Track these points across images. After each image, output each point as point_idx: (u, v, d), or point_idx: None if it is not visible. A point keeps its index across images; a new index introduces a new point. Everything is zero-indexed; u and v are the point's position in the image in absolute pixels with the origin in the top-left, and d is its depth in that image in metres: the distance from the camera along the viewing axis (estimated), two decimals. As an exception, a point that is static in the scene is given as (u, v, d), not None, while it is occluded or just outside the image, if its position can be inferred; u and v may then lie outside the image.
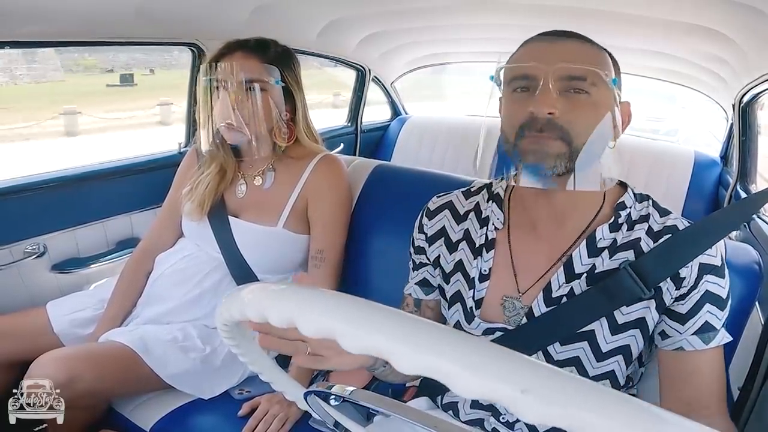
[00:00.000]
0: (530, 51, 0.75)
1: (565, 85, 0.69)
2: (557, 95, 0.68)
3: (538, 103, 0.68)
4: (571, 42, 0.73)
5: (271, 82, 1.19)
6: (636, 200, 0.80)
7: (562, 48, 0.72)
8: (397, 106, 3.08)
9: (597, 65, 0.71)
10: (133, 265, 1.34)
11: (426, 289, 0.93)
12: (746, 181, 1.86)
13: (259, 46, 1.21)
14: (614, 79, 0.72)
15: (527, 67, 0.71)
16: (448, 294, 0.89)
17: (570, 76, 0.69)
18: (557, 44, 0.73)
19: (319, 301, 0.35)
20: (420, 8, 1.83)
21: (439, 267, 0.90)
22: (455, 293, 0.87)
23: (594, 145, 0.70)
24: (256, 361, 0.50)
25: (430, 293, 0.93)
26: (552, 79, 0.68)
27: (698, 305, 0.73)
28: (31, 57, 13.76)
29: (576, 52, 0.71)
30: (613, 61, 0.77)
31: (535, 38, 0.76)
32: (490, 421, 0.84)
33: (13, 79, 13.83)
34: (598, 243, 0.77)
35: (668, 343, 0.76)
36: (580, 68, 0.69)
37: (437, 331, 0.31)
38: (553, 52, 0.71)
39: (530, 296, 0.80)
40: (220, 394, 1.17)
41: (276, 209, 1.25)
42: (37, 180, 1.46)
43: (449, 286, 0.88)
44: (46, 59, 14.12)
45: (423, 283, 0.93)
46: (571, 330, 0.77)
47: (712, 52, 1.68)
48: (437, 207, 0.91)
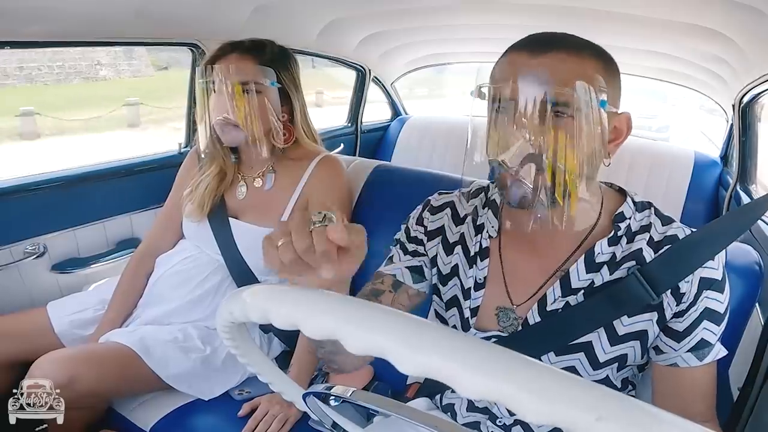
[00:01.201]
0: (510, 67, 0.68)
1: (544, 109, 0.63)
2: (537, 123, 0.63)
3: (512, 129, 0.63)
4: (557, 55, 0.66)
5: (267, 83, 1.18)
6: (636, 209, 0.77)
7: (545, 64, 0.65)
8: (397, 106, 3.08)
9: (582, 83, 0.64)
10: (133, 266, 1.34)
11: (417, 277, 0.88)
12: (746, 182, 1.86)
13: (255, 47, 1.21)
14: (603, 102, 0.65)
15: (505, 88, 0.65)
16: (444, 297, 0.87)
17: (551, 101, 0.63)
18: (539, 59, 0.65)
19: (321, 303, 0.36)
20: (420, 8, 1.83)
21: (436, 267, 0.88)
22: (452, 297, 0.86)
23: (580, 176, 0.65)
24: (256, 362, 0.49)
25: (419, 282, 0.88)
26: (529, 103, 0.63)
27: (695, 323, 0.72)
28: (129, 54, 14.72)
29: (561, 70, 0.64)
30: (610, 64, 0.70)
31: (519, 47, 0.69)
32: (486, 424, 0.83)
33: (117, 74, 14.80)
34: (597, 258, 0.75)
35: (662, 359, 0.75)
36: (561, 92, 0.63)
37: (440, 331, 0.31)
38: (534, 70, 0.65)
39: (524, 309, 0.78)
40: (219, 395, 1.17)
41: (277, 211, 1.25)
42: (37, 180, 1.46)
43: (446, 289, 0.87)
44: (140, 56, 15.06)
45: (416, 270, 0.88)
46: (569, 339, 0.75)
47: (711, 52, 1.68)
48: (440, 204, 0.89)
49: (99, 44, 1.54)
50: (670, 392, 0.75)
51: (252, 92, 1.16)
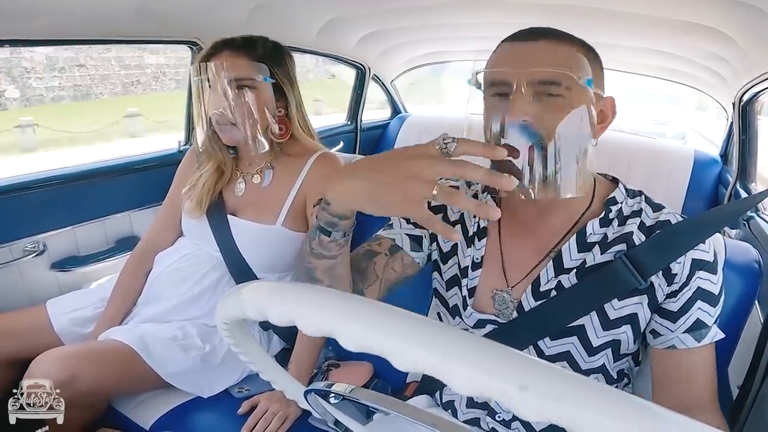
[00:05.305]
0: (503, 54, 0.73)
1: (538, 89, 0.68)
2: (531, 100, 0.67)
3: (510, 110, 0.67)
4: (546, 42, 0.71)
5: (260, 79, 1.17)
6: (628, 196, 0.80)
7: (536, 49, 0.70)
8: (396, 104, 3.08)
9: (569, 67, 0.69)
10: (133, 264, 1.34)
11: (415, 246, 0.88)
12: (746, 180, 1.86)
13: (246, 44, 1.20)
14: (589, 80, 0.70)
15: (499, 72, 0.70)
16: (445, 276, 0.89)
17: (542, 81, 0.68)
18: (528, 46, 0.71)
19: (319, 299, 0.35)
20: (419, 6, 1.83)
21: (436, 242, 0.89)
22: (453, 277, 0.88)
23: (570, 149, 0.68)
24: (256, 360, 0.49)
25: (416, 251, 0.88)
26: (524, 84, 0.67)
27: (689, 303, 0.73)
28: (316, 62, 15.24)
29: (547, 54, 0.70)
30: (594, 55, 0.75)
31: (511, 38, 0.74)
32: (486, 420, 0.84)
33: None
34: (588, 238, 0.77)
35: (660, 342, 0.75)
36: (551, 72, 0.68)
37: (436, 328, 0.31)
38: (527, 54, 0.70)
39: (519, 290, 0.81)
40: (219, 393, 1.17)
41: (275, 207, 1.25)
42: (36, 178, 1.46)
43: (446, 267, 0.89)
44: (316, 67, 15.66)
45: (416, 240, 0.88)
46: (562, 323, 0.77)
47: (711, 50, 1.68)
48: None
49: (98, 42, 1.54)
50: (670, 377, 0.76)
51: (245, 89, 1.16)
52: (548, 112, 0.67)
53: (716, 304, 0.74)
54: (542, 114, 0.67)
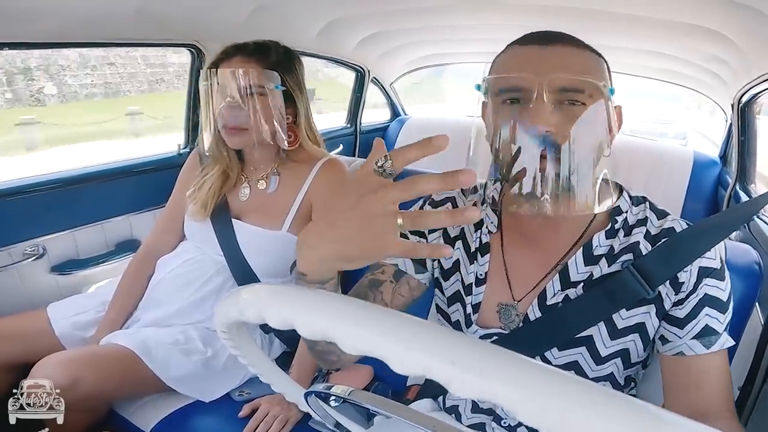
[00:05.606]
0: (520, 58, 0.68)
1: (560, 97, 0.63)
2: (552, 108, 0.62)
3: (533, 118, 0.62)
4: (563, 47, 0.67)
5: (271, 86, 1.17)
6: (632, 204, 0.78)
7: (555, 54, 0.66)
8: (396, 106, 3.08)
9: (594, 74, 0.65)
10: (135, 267, 1.34)
11: (419, 268, 0.86)
12: (745, 181, 1.86)
13: (259, 50, 1.19)
14: (611, 89, 0.66)
15: (519, 78, 0.65)
16: (446, 292, 0.87)
17: (565, 88, 0.63)
18: (549, 50, 0.67)
19: (317, 303, 0.35)
20: (419, 8, 1.83)
21: (437, 260, 0.87)
22: (455, 293, 0.86)
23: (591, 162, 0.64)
24: (257, 363, 0.49)
25: (420, 273, 0.86)
26: (547, 91, 0.62)
27: (696, 309, 0.72)
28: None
29: (571, 60, 0.66)
30: (605, 61, 0.72)
31: (523, 41, 0.70)
32: (491, 425, 0.83)
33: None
34: (595, 251, 0.75)
35: (668, 348, 0.74)
36: (578, 80, 0.63)
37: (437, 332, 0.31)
38: (546, 59, 0.65)
39: (525, 303, 0.79)
40: (220, 396, 1.17)
41: (280, 213, 1.25)
42: (36, 181, 1.46)
43: (448, 284, 0.87)
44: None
45: (419, 261, 0.85)
46: (570, 334, 0.75)
47: (711, 52, 1.68)
48: (441, 199, 0.88)
49: (98, 45, 1.54)
50: (679, 384, 0.74)
51: (256, 96, 1.15)
52: (571, 121, 0.63)
53: (725, 311, 0.72)
54: (565, 123, 0.63)
